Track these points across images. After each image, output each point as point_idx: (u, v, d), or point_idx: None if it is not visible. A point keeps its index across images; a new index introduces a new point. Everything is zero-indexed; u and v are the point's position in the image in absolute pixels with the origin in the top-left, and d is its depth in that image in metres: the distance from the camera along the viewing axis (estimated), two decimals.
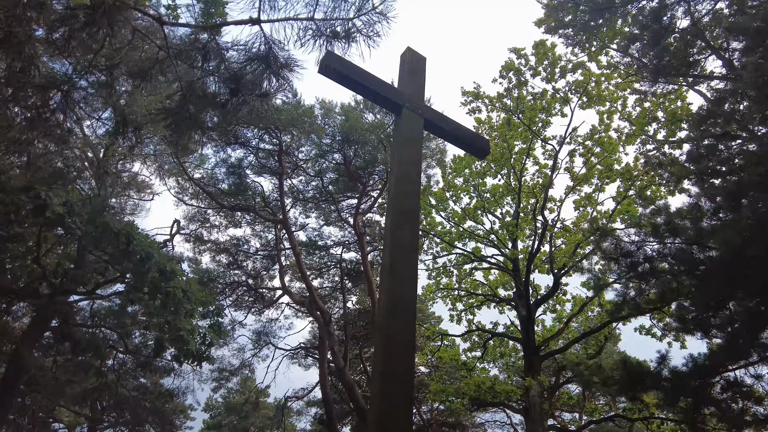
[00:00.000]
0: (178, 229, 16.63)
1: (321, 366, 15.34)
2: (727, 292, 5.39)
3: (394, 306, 4.07)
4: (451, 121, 6.16)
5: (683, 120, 13.83)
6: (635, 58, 13.45)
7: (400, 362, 3.86)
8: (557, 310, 19.14)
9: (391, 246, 4.51)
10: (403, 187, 4.80)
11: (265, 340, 18.74)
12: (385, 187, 17.56)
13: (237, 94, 3.86)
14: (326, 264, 20.95)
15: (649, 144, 14.15)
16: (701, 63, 12.45)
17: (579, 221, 17.56)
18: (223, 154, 15.38)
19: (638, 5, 13.08)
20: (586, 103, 15.69)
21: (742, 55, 11.76)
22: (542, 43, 15.37)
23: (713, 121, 11.21)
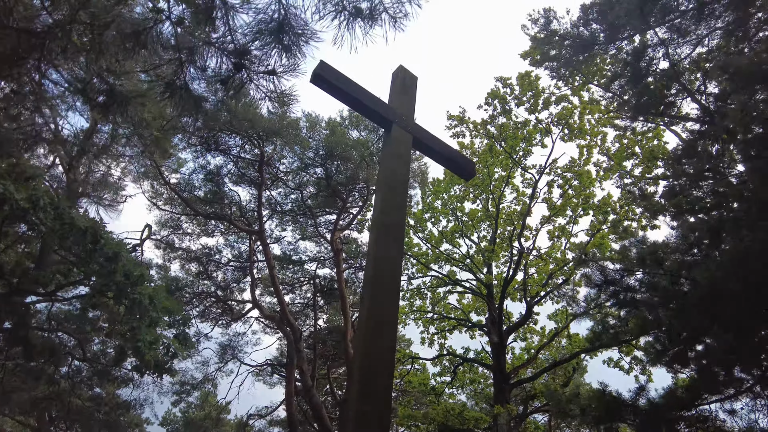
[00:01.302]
0: (149, 234, 16.11)
1: (288, 384, 14.90)
2: (705, 325, 5.42)
3: (375, 322, 3.95)
4: (439, 141, 6.16)
5: (659, 158, 14.25)
6: (616, 95, 13.86)
7: (378, 380, 3.72)
8: (527, 339, 19.21)
9: (374, 259, 4.40)
10: (389, 201, 4.73)
11: (231, 354, 18.16)
12: (365, 205, 17.48)
13: (241, 69, 3.67)
14: (299, 279, 20.60)
15: (627, 179, 14.49)
16: (678, 104, 12.89)
17: (551, 251, 17.80)
18: (203, 161, 15.11)
19: (619, 44, 13.53)
20: (567, 136, 16.04)
21: (717, 99, 12.25)
22: (527, 74, 15.74)
23: (689, 160, 11.59)
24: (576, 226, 17.73)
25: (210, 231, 17.43)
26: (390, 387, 4.04)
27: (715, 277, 5.08)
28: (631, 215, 16.62)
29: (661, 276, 5.41)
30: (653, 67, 12.25)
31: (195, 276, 17.82)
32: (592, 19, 12.69)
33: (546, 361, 19.59)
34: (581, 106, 15.83)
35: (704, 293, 5.34)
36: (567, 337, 18.17)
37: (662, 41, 12.38)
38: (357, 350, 3.99)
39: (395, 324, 4.21)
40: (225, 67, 3.70)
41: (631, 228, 15.10)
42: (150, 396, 16.21)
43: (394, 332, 4.11)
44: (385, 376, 3.82)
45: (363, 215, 18.44)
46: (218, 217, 16.26)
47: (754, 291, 5.06)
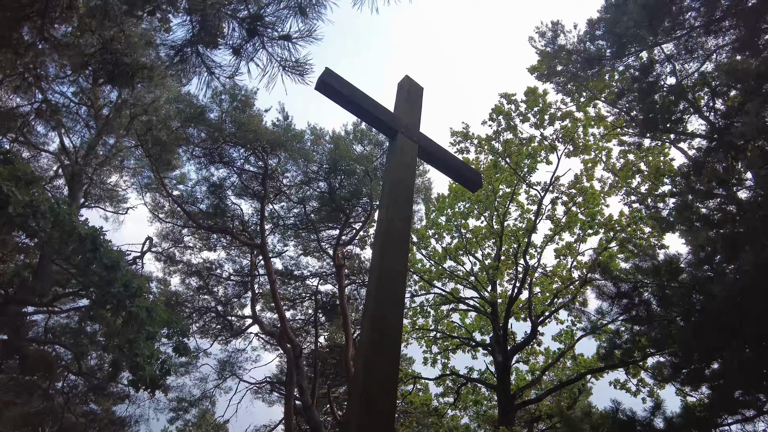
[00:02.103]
0: (150, 246, 15.96)
1: (287, 402, 14.52)
2: (723, 341, 5.17)
3: (378, 334, 3.75)
4: (445, 151, 6.02)
5: (666, 174, 14.10)
6: (623, 111, 13.78)
7: (381, 395, 3.51)
8: (529, 360, 18.83)
9: (378, 270, 4.22)
10: (394, 210, 4.57)
11: (230, 371, 17.79)
12: (368, 220, 17.31)
13: (254, 35, 3.52)
14: (300, 295, 20.32)
15: (633, 195, 14.32)
16: (685, 121, 12.79)
17: (556, 270, 17.55)
18: (206, 173, 15.02)
19: (626, 61, 13.50)
20: (572, 152, 15.94)
21: (724, 117, 12.15)
22: (534, 90, 15.72)
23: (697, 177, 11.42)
24: (583, 245, 17.48)
25: (212, 245, 17.26)
26: (394, 405, 3.82)
27: (734, 291, 4.86)
28: (639, 234, 16.43)
29: (675, 289, 5.19)
30: (661, 83, 12.19)
31: (195, 290, 17.58)
32: (599, 35, 12.69)
33: (551, 383, 19.16)
34: (585, 121, 15.76)
35: (722, 308, 5.10)
36: (572, 357, 17.81)
37: (669, 57, 12.35)
38: (358, 365, 3.78)
39: (399, 338, 4.00)
40: (237, 34, 3.55)
41: (642, 244, 14.87)
42: (146, 413, 15.84)
43: (398, 346, 3.90)
44: (388, 394, 3.60)
45: (366, 231, 18.27)
46: (220, 231, 16.10)
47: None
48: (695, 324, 5.13)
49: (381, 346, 3.83)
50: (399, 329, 4.09)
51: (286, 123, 14.09)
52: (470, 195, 17.59)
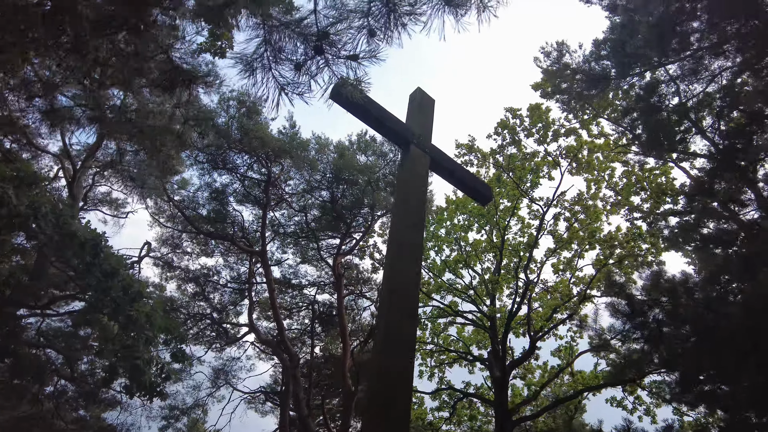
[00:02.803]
0: (148, 251, 15.79)
1: (282, 413, 14.31)
2: (735, 362, 5.13)
3: (392, 341, 3.69)
4: (456, 164, 6.02)
5: (668, 193, 14.17)
6: (627, 129, 13.88)
7: (396, 402, 3.45)
8: (526, 376, 18.73)
9: (390, 279, 4.18)
10: (406, 220, 4.54)
11: (224, 379, 17.54)
12: (369, 231, 17.26)
13: (321, 53, 3.48)
14: (297, 304, 20.15)
15: (636, 213, 14.37)
16: (688, 141, 12.88)
17: (557, 286, 17.52)
18: (209, 178, 14.94)
19: (631, 80, 13.62)
20: (575, 169, 16.00)
21: (726, 138, 12.24)
22: (537, 106, 15.82)
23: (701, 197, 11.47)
24: (581, 261, 17.50)
25: (210, 251, 17.12)
26: (408, 407, 3.75)
27: (749, 312, 4.84)
28: (637, 251, 16.47)
29: (691, 308, 5.16)
30: (665, 103, 12.30)
31: (191, 297, 17.39)
32: (604, 55, 12.80)
33: (547, 399, 19.04)
34: (589, 143, 15.85)
35: (736, 329, 5.07)
36: (570, 373, 17.72)
37: (674, 78, 12.48)
38: (373, 371, 3.71)
39: (413, 347, 3.95)
40: (300, 50, 3.52)
41: (647, 260, 14.89)
42: (138, 420, 15.55)
43: (412, 355, 3.85)
44: (403, 398, 3.55)
45: (365, 241, 18.19)
46: (220, 237, 15.98)
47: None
48: (708, 344, 5.09)
49: (395, 355, 3.77)
50: (413, 338, 4.04)
51: (292, 131, 14.10)
52: (471, 208, 17.59)
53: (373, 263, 18.16)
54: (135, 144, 14.39)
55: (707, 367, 5.35)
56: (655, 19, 10.71)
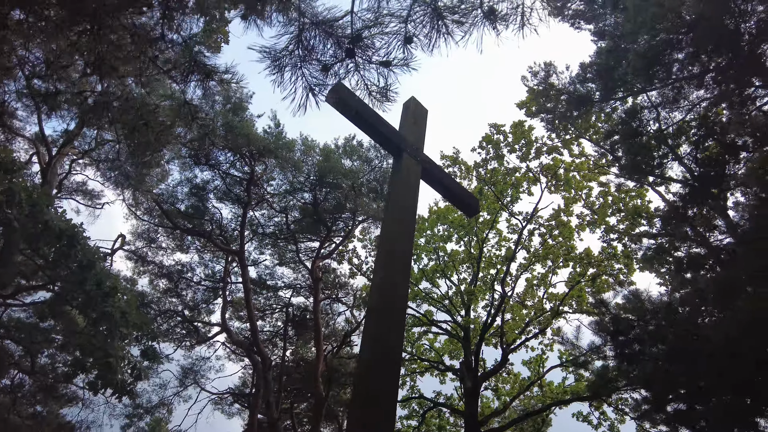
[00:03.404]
0: (122, 244, 15.36)
1: (251, 416, 14.08)
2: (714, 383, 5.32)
3: (379, 353, 3.70)
4: (447, 175, 6.10)
5: (643, 216, 14.58)
6: (607, 151, 14.26)
7: (380, 413, 3.47)
8: (497, 387, 18.95)
9: (379, 288, 4.20)
10: (397, 229, 4.57)
11: (193, 379, 17.14)
12: (349, 235, 17.22)
13: (353, 56, 3.44)
14: (271, 306, 19.91)
15: (612, 233, 14.74)
16: (665, 166, 13.31)
17: (530, 297, 17.84)
18: (190, 174, 14.65)
19: (614, 104, 14.02)
20: (554, 186, 16.34)
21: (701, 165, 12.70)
22: (521, 123, 16.13)
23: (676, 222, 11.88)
24: (555, 276, 17.87)
25: (186, 247, 16.77)
26: (393, 417, 3.77)
27: (729, 336, 5.02)
28: (610, 270, 16.90)
29: (672, 330, 5.34)
30: (646, 128, 12.69)
31: (163, 293, 16.99)
32: (589, 78, 13.14)
33: (515, 411, 19.28)
34: (568, 163, 16.24)
35: (716, 351, 5.25)
36: (539, 386, 17.99)
37: (654, 105, 12.91)
38: (359, 380, 3.72)
39: (400, 357, 3.97)
40: (330, 52, 3.47)
41: (620, 280, 15.27)
42: (99, 418, 15.04)
43: (399, 365, 3.87)
44: (387, 408, 3.56)
45: (345, 246, 18.15)
46: (197, 233, 15.68)
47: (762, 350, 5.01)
48: (687, 365, 5.27)
49: (381, 364, 3.78)
50: (399, 348, 4.06)
51: (277, 131, 13.97)
52: (452, 219, 17.77)
53: (351, 268, 18.11)
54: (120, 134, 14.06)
55: (684, 387, 5.52)
56: (643, 48, 11.09)
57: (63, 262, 9.18)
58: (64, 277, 9.82)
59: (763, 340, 4.61)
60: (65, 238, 8.42)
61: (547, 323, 17.33)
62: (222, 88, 6.51)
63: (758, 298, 4.77)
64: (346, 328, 20.00)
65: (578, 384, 17.23)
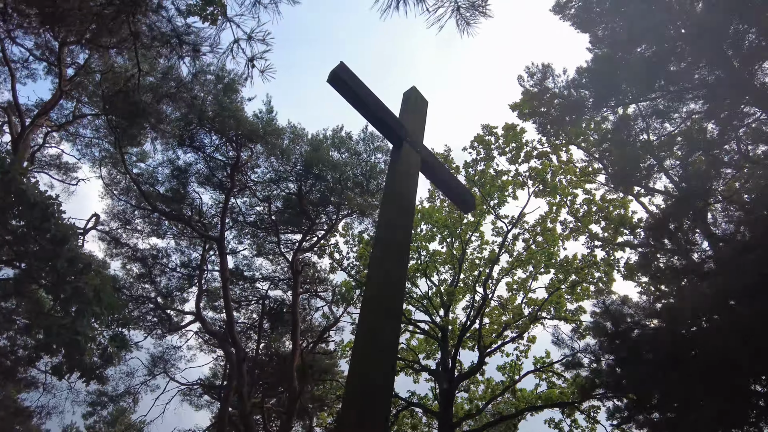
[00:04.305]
0: (95, 224, 14.69)
1: (222, 408, 13.64)
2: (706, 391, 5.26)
3: (373, 347, 3.54)
4: (445, 169, 5.94)
5: (626, 226, 14.73)
6: (597, 159, 14.35)
7: (375, 407, 3.31)
8: (470, 389, 18.93)
9: (376, 279, 4.01)
10: (395, 220, 4.38)
11: (162, 368, 16.53)
12: (332, 229, 16.92)
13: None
14: (247, 298, 19.44)
15: (596, 241, 14.84)
16: (651, 178, 13.47)
17: (507, 303, 17.87)
18: (172, 154, 14.11)
19: (605, 113, 14.10)
20: (540, 191, 16.39)
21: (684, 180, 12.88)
22: (513, 126, 16.12)
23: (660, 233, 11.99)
24: (535, 282, 17.95)
25: (162, 231, 16.17)
26: (388, 412, 3.60)
27: (729, 344, 4.97)
28: (590, 278, 17.05)
29: (672, 336, 5.28)
30: (636, 138, 12.80)
31: (136, 278, 16.35)
32: (584, 83, 13.18)
33: (486, 415, 19.28)
34: (556, 167, 16.30)
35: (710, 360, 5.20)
36: (512, 391, 18.02)
37: (644, 115, 13.04)
38: (353, 375, 3.53)
39: (395, 351, 3.81)
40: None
41: (599, 288, 15.39)
42: (61, 404, 14.34)
43: (394, 358, 3.72)
44: (382, 404, 3.40)
45: (327, 240, 17.84)
46: (175, 218, 15.13)
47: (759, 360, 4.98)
48: (682, 372, 5.20)
49: (375, 359, 3.59)
50: (395, 342, 3.87)
51: (269, 116, 13.58)
52: (436, 218, 17.65)
53: (332, 263, 17.81)
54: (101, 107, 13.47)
55: (677, 394, 5.46)
56: (647, 55, 11.16)
57: (33, 236, 8.65)
58: (33, 253, 9.27)
59: (759, 350, 4.58)
60: (39, 211, 7.91)
61: (525, 328, 17.38)
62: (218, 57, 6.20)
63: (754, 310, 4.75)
64: (323, 323, 19.68)
65: (551, 391, 17.34)
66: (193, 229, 14.97)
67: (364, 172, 15.98)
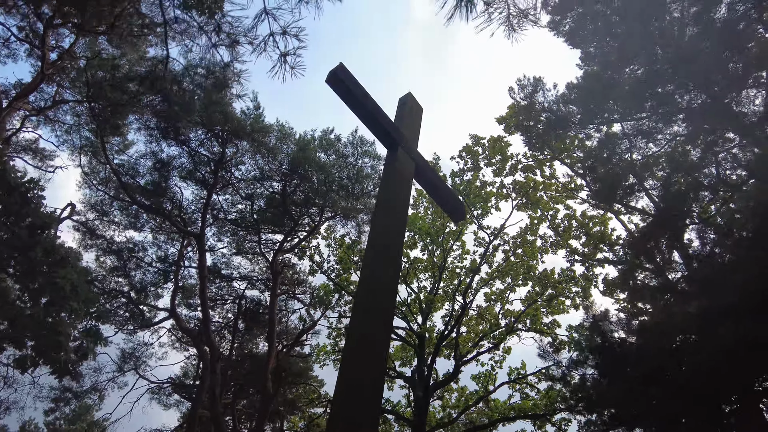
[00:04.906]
0: (71, 213, 14.21)
1: (193, 408, 13.31)
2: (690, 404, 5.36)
3: (363, 351, 3.52)
4: (438, 176, 5.94)
5: (606, 242, 15.01)
6: (580, 176, 14.60)
7: (364, 410, 3.28)
8: (444, 397, 18.97)
9: (368, 284, 3.99)
10: (388, 224, 4.36)
11: (133, 364, 16.03)
12: (314, 231, 16.78)
13: None
14: (223, 296, 19.09)
15: (577, 256, 15.06)
16: (633, 196, 13.76)
17: (484, 312, 18.01)
18: (156, 147, 13.77)
19: (590, 130, 14.37)
20: (523, 204, 16.60)
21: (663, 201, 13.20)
22: (499, 139, 16.31)
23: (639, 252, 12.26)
24: (512, 294, 18.14)
25: (140, 225, 15.75)
26: (378, 415, 3.58)
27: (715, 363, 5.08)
28: (567, 293, 17.32)
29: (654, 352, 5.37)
30: (620, 157, 13.08)
31: (109, 271, 15.87)
32: (573, 99, 13.41)
33: (459, 424, 19.32)
34: (539, 182, 16.56)
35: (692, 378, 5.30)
36: (485, 402, 18.12)
37: (628, 134, 13.34)
38: (343, 379, 3.49)
39: (386, 355, 3.80)
40: None
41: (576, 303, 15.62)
42: (22, 399, 13.75)
43: (384, 363, 3.70)
44: (372, 408, 3.37)
45: (308, 242, 17.68)
46: (154, 211, 14.75)
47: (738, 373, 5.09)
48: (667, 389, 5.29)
49: (365, 362, 3.55)
50: (386, 345, 3.85)
51: (256, 113, 13.40)
52: (419, 226, 17.68)
53: (312, 265, 17.64)
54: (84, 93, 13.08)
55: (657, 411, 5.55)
56: (627, 78, 11.43)
57: (8, 222, 8.31)
58: (6, 240, 8.91)
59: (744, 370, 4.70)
60: (18, 196, 7.60)
61: (501, 339, 17.52)
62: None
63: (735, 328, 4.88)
64: (299, 326, 19.46)
65: (524, 402, 17.52)
66: (172, 223, 14.62)
67: (350, 175, 15.90)
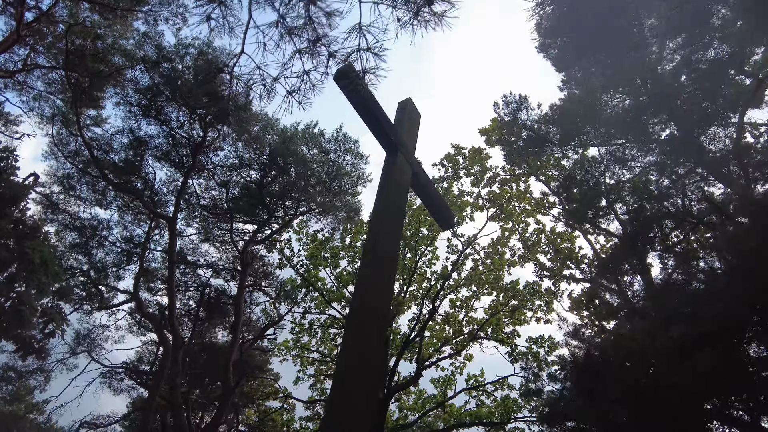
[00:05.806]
0: (33, 183, 13.47)
1: (150, 396, 12.91)
2: None
3: (359, 353, 3.61)
4: (433, 184, 6.07)
5: (573, 260, 15.56)
6: (555, 194, 15.08)
7: (361, 409, 3.37)
8: (402, 399, 19.17)
9: (365, 287, 4.07)
10: (385, 229, 4.45)
11: (88, 346, 15.35)
12: (288, 224, 16.62)
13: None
14: (186, 283, 18.60)
15: (545, 271, 15.53)
16: (604, 217, 14.34)
17: (450, 318, 18.32)
18: (134, 124, 13.26)
19: (567, 151, 14.88)
20: (496, 215, 17.00)
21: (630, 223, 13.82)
22: (479, 150, 16.65)
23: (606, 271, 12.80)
24: (477, 302, 18.52)
25: (107, 202, 15.12)
26: (373, 416, 3.66)
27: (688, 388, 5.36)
28: (530, 305, 17.86)
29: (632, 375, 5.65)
30: (596, 180, 13.62)
31: (69, 247, 15.17)
32: (554, 119, 13.87)
33: (415, 428, 19.53)
34: (513, 193, 17.01)
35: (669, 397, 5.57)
36: (443, 406, 18.41)
37: (605, 159, 13.91)
38: (339, 380, 3.54)
39: (384, 354, 3.87)
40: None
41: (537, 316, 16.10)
42: None
43: (384, 362, 3.78)
44: (367, 409, 3.45)
45: (279, 234, 17.51)
46: (125, 190, 14.21)
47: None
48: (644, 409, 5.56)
49: (363, 363, 3.63)
50: (382, 346, 3.93)
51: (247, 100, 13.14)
52: None
53: (282, 259, 17.46)
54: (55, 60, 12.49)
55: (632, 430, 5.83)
56: (608, 104, 11.93)
57: None
58: None
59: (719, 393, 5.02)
60: None
61: (463, 345, 17.86)
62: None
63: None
64: (262, 318, 19.20)
65: (480, 409, 17.92)
66: (144, 204, 14.13)
67: (330, 171, 15.85)
